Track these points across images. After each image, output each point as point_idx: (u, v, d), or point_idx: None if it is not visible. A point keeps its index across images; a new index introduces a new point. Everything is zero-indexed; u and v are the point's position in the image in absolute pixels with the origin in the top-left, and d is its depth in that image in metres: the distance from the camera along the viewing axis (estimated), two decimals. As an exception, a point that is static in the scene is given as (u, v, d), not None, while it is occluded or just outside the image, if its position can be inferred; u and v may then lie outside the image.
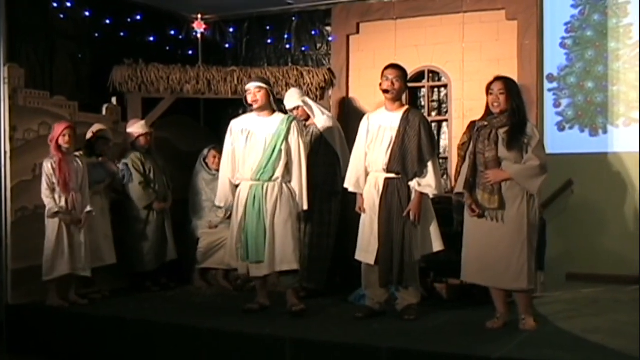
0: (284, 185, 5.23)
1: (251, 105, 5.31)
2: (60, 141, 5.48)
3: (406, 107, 5.13)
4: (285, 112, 5.60)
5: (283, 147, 5.22)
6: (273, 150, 5.20)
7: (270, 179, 5.20)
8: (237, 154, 5.32)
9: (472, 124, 4.79)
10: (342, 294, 5.77)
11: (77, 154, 5.77)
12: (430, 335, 4.54)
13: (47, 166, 5.46)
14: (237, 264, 5.34)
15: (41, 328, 5.43)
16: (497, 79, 4.72)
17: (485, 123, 4.67)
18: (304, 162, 5.28)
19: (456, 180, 4.82)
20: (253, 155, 5.23)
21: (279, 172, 5.21)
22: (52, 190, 5.45)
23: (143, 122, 6.43)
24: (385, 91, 5.02)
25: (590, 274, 6.26)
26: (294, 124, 5.31)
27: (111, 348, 5.11)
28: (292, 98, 6.09)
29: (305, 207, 5.30)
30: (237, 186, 5.35)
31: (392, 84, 5.00)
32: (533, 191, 4.59)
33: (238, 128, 5.37)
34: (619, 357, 4.00)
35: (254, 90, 5.28)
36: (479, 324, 4.71)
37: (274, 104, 5.39)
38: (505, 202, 4.57)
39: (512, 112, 4.62)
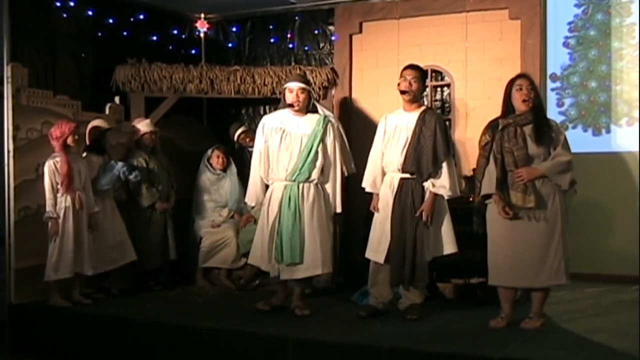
0: (319, 186, 5.14)
1: (291, 105, 5.15)
2: (69, 141, 5.42)
3: (424, 107, 5.06)
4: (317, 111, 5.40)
5: (320, 149, 5.11)
6: (309, 151, 5.08)
7: (306, 180, 5.09)
8: (270, 152, 5.18)
9: (492, 123, 4.67)
10: (344, 293, 5.77)
11: (84, 155, 5.78)
12: (432, 335, 4.53)
13: (50, 165, 5.40)
14: (266, 267, 5.18)
15: (44, 327, 5.44)
16: (522, 75, 4.67)
17: (510, 121, 4.57)
18: (339, 165, 5.20)
19: (480, 182, 4.66)
20: (287, 155, 5.10)
21: (315, 174, 5.10)
22: (55, 191, 5.39)
23: (148, 120, 6.43)
24: (402, 92, 4.97)
25: (593, 273, 6.24)
26: (329, 125, 5.20)
27: (113, 348, 5.11)
28: None
29: (339, 209, 5.22)
30: (267, 186, 5.22)
31: (410, 84, 4.95)
32: (565, 186, 4.53)
33: (271, 126, 5.19)
34: (622, 358, 4.00)
35: (297, 91, 5.12)
36: (482, 323, 4.70)
37: (311, 105, 5.26)
38: (541, 199, 4.51)
39: (537, 107, 4.59)
